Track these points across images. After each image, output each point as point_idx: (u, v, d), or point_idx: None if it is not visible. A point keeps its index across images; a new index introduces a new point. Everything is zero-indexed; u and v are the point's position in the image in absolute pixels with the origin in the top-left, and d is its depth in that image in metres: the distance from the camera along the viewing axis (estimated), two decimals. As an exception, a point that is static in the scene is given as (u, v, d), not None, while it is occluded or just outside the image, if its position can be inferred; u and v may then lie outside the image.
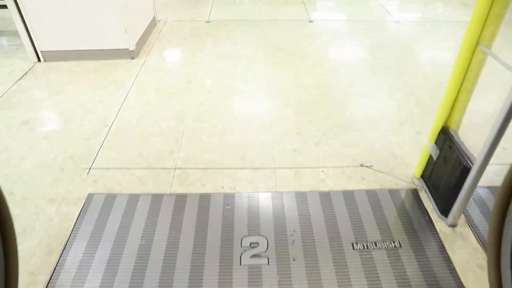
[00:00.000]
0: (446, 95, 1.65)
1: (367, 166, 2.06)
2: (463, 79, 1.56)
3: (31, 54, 3.07)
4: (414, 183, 1.96)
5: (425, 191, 1.90)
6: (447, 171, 1.70)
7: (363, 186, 1.93)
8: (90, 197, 1.86)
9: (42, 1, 2.83)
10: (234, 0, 4.63)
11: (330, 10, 4.31)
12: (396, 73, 2.96)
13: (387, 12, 4.23)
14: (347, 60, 3.14)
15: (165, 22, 3.86)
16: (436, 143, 1.79)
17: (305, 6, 4.37)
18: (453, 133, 1.69)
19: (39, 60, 3.10)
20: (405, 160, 2.10)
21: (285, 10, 4.23)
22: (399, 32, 3.71)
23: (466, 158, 1.57)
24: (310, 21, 3.89)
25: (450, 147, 1.67)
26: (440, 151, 1.76)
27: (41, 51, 3.07)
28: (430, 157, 1.85)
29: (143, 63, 3.07)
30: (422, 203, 1.84)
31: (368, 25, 3.86)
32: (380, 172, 2.02)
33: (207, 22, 3.84)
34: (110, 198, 1.86)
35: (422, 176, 1.95)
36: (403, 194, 1.90)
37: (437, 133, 1.77)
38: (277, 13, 4.14)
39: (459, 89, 1.59)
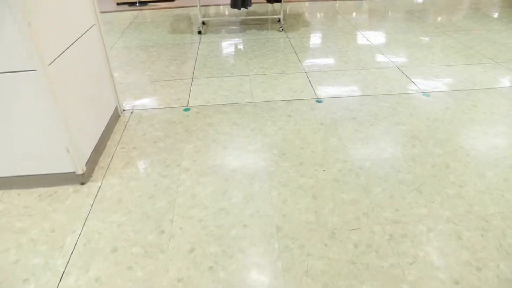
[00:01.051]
0: None
1: None
2: None
3: None
4: None
5: None
6: None
7: None
8: None
9: None
10: (218, 70, 3.80)
11: (338, 80, 3.49)
12: (452, 189, 2.12)
13: (408, 78, 3.44)
14: (381, 170, 2.29)
15: (131, 113, 2.99)
16: None
17: (308, 76, 3.56)
18: None
19: (-51, 194, 2.20)
20: None
21: (284, 84, 3.40)
22: (432, 111, 2.90)
23: None
24: (318, 101, 3.06)
25: None
26: None
27: (-48, 182, 2.18)
28: None
29: (97, 193, 2.18)
30: None
31: (391, 102, 3.05)
32: None
33: (185, 110, 2.98)
34: None
35: None
36: None
37: None
38: (275, 90, 3.31)
39: None
